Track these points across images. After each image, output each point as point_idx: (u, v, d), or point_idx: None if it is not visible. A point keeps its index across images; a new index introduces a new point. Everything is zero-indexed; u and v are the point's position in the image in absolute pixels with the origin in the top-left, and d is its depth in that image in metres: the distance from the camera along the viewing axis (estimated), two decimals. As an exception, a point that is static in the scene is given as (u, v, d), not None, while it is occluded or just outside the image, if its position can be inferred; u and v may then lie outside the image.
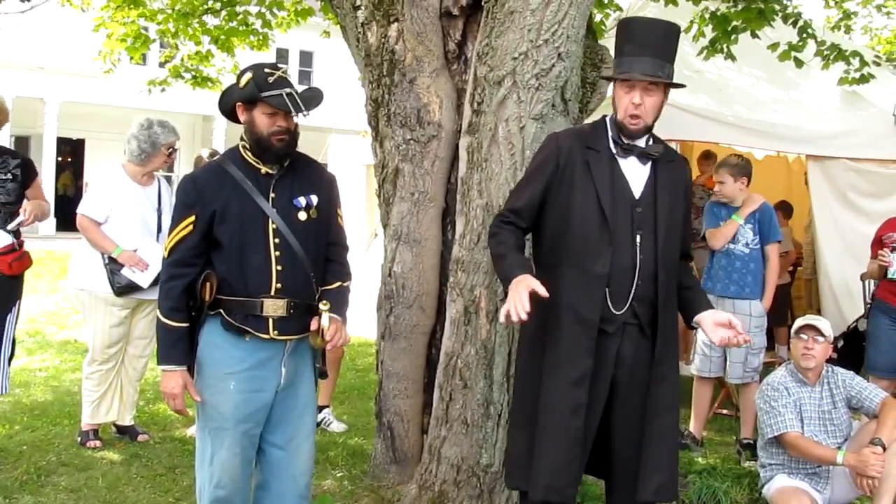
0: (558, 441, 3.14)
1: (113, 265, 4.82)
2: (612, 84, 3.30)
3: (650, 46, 3.13)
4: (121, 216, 4.91)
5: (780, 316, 7.89)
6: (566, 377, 3.13)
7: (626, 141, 3.20)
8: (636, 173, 3.23)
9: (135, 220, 4.93)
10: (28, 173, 4.77)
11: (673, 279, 3.25)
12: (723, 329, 3.19)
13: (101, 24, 8.53)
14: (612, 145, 3.22)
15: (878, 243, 5.58)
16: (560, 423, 3.13)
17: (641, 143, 3.23)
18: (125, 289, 4.84)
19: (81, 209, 4.91)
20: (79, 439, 5.07)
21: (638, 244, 3.17)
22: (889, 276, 5.41)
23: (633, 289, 3.16)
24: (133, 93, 10.84)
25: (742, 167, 5.50)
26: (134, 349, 5.15)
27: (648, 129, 3.21)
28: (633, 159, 3.22)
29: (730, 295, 5.38)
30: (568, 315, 3.15)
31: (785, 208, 8.24)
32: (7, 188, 4.64)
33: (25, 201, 4.70)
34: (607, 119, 3.29)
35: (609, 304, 3.16)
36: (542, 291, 2.97)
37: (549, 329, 3.21)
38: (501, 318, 3.00)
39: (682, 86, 3.38)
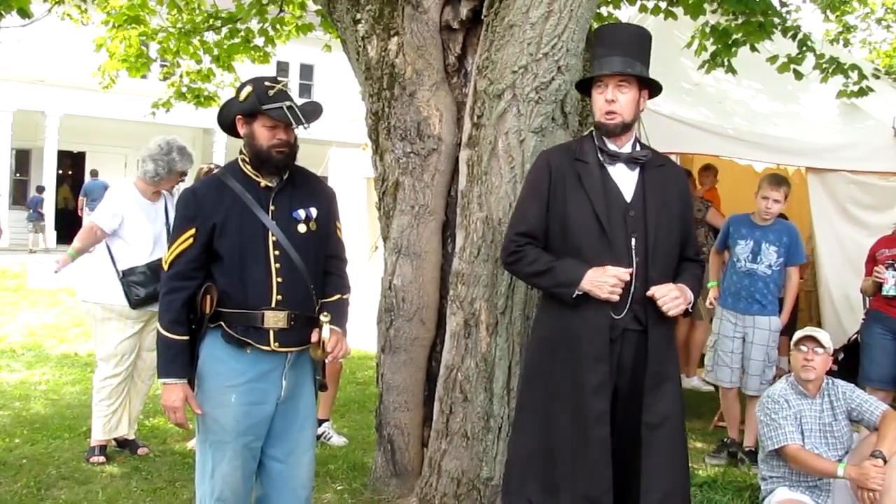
0: (586, 450, 3.14)
1: (129, 278, 4.90)
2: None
3: (618, 46, 3.23)
4: (134, 231, 5.02)
5: (789, 328, 7.83)
6: (587, 386, 3.15)
7: (610, 146, 3.26)
8: (625, 179, 3.28)
9: (148, 235, 5.04)
10: None
11: (668, 279, 3.26)
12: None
13: (102, 45, 8.55)
14: (599, 154, 3.28)
15: (871, 260, 5.58)
16: (585, 432, 3.14)
17: (627, 148, 3.29)
18: (142, 301, 4.90)
19: (93, 217, 5.10)
20: (86, 454, 5.05)
21: (633, 248, 3.21)
22: (884, 293, 5.37)
23: (632, 292, 3.19)
24: (134, 106, 10.86)
25: None
26: (143, 362, 5.18)
27: (628, 127, 3.27)
28: (621, 165, 3.28)
29: (752, 312, 5.43)
30: (577, 325, 3.18)
31: None
32: None
33: None
34: (593, 131, 3.34)
35: (610, 309, 3.18)
36: (624, 276, 3.13)
37: (557, 343, 3.24)
38: (604, 296, 3.11)
39: (655, 82, 3.35)
